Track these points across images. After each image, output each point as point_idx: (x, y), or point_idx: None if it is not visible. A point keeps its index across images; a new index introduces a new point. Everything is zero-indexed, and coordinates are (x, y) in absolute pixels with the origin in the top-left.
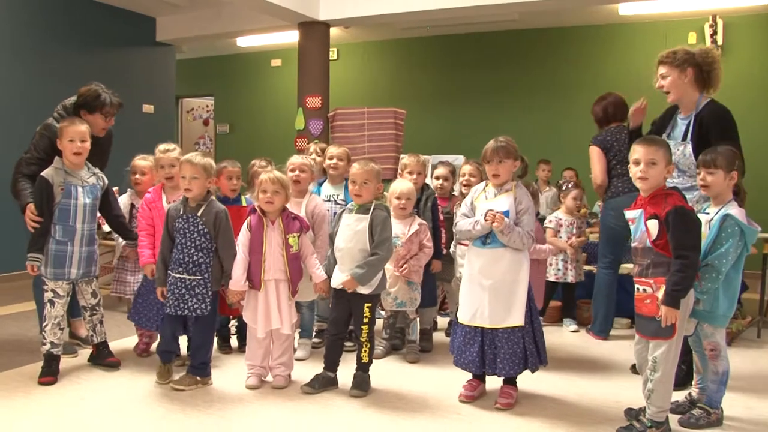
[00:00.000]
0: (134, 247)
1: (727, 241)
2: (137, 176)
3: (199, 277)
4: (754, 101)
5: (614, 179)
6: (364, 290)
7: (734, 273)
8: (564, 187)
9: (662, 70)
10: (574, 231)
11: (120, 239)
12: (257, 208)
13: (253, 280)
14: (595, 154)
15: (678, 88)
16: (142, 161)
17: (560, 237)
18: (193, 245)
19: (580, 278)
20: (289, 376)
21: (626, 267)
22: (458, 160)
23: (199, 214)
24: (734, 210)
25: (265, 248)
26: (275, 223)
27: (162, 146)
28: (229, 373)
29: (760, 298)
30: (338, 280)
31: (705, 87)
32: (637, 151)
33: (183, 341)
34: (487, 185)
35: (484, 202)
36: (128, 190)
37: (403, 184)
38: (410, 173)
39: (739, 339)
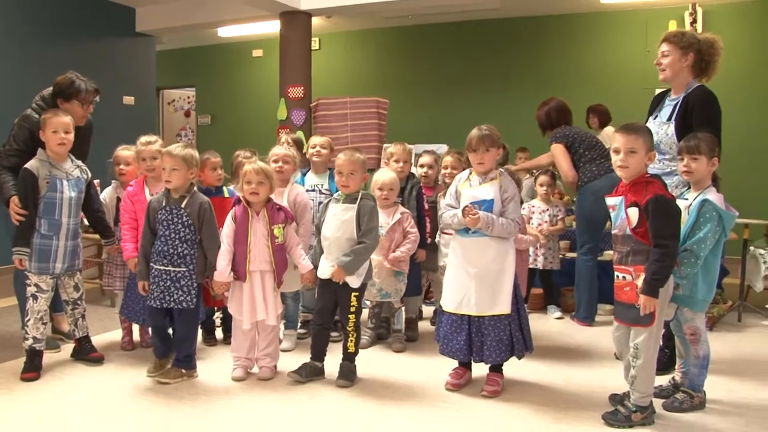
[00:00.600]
0: (111, 245)
1: (705, 226)
2: (121, 167)
3: (184, 269)
4: (732, 90)
5: (586, 165)
6: (353, 283)
7: (713, 258)
8: (533, 174)
9: (665, 47)
10: (547, 218)
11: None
12: (242, 199)
13: (238, 271)
14: (560, 150)
15: (674, 68)
16: (125, 152)
17: (531, 224)
18: (177, 237)
19: (552, 266)
20: (275, 367)
21: (609, 254)
22: (441, 148)
23: (183, 205)
24: (712, 195)
25: (250, 239)
26: (260, 214)
27: (143, 138)
28: (215, 365)
29: (741, 282)
30: (325, 270)
31: (700, 74)
32: (616, 140)
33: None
34: (470, 173)
35: (468, 189)
36: (113, 182)
37: (385, 175)
38: (396, 161)
39: (721, 323)
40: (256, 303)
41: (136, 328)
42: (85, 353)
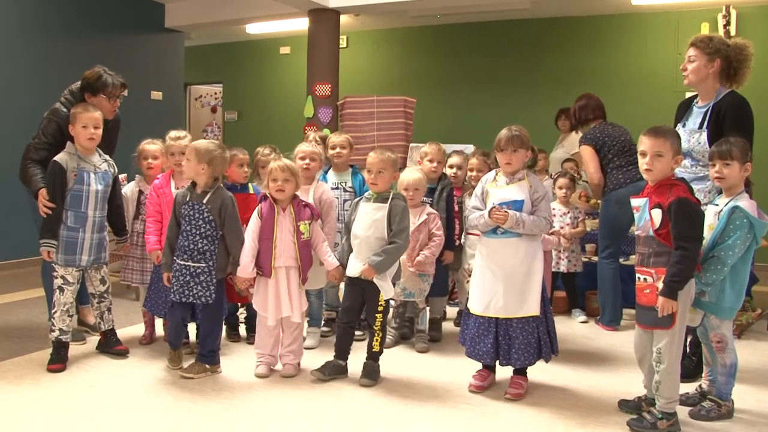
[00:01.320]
0: (123, 243)
1: (734, 234)
2: (149, 161)
3: (204, 265)
4: (766, 94)
5: (613, 171)
6: (387, 293)
7: (742, 265)
8: (552, 177)
9: (692, 52)
10: (568, 221)
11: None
12: (269, 196)
13: (264, 267)
14: (588, 153)
15: (699, 75)
16: (152, 146)
17: (553, 227)
18: (198, 233)
19: (576, 268)
20: (299, 364)
21: (634, 258)
22: (468, 148)
23: (204, 201)
24: (744, 202)
25: (276, 235)
26: (286, 211)
27: (173, 133)
28: (238, 361)
29: None
30: (355, 268)
31: (729, 81)
32: (643, 143)
33: (192, 328)
34: (497, 174)
35: (495, 189)
36: (136, 176)
37: (410, 175)
38: (431, 161)
39: (749, 331)
40: (281, 299)
41: (159, 322)
42: (111, 346)
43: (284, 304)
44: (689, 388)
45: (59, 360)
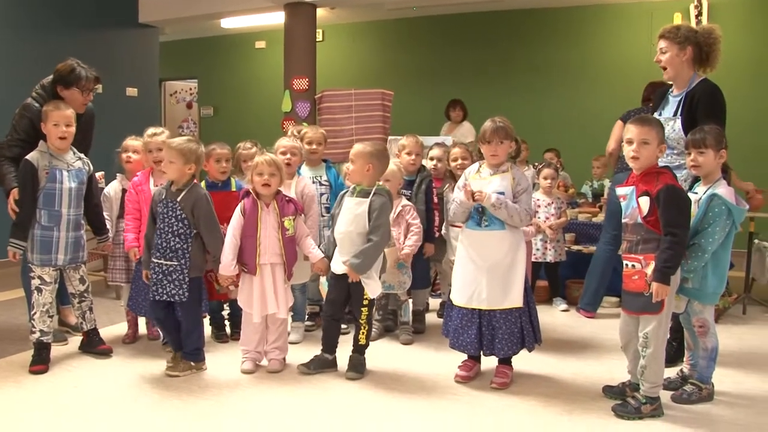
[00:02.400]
0: (104, 242)
1: (713, 221)
2: (129, 154)
3: (176, 263)
4: (738, 83)
5: (622, 156)
6: (373, 293)
7: (723, 251)
8: (535, 167)
9: (662, 44)
10: (553, 211)
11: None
12: (252, 192)
13: (249, 264)
14: (616, 126)
15: (675, 65)
16: (134, 141)
17: (539, 217)
18: (170, 230)
19: (560, 258)
20: (284, 359)
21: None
22: (447, 140)
23: (178, 199)
24: (722, 189)
25: (260, 232)
26: (270, 206)
27: (150, 130)
28: (224, 358)
29: (746, 275)
30: (339, 265)
31: (702, 66)
32: (630, 131)
33: None
34: (480, 166)
35: (479, 181)
36: (118, 175)
37: None
38: (409, 154)
39: (726, 316)
40: (266, 296)
41: (142, 321)
42: (94, 346)
43: (270, 301)
44: (671, 372)
45: (41, 361)
